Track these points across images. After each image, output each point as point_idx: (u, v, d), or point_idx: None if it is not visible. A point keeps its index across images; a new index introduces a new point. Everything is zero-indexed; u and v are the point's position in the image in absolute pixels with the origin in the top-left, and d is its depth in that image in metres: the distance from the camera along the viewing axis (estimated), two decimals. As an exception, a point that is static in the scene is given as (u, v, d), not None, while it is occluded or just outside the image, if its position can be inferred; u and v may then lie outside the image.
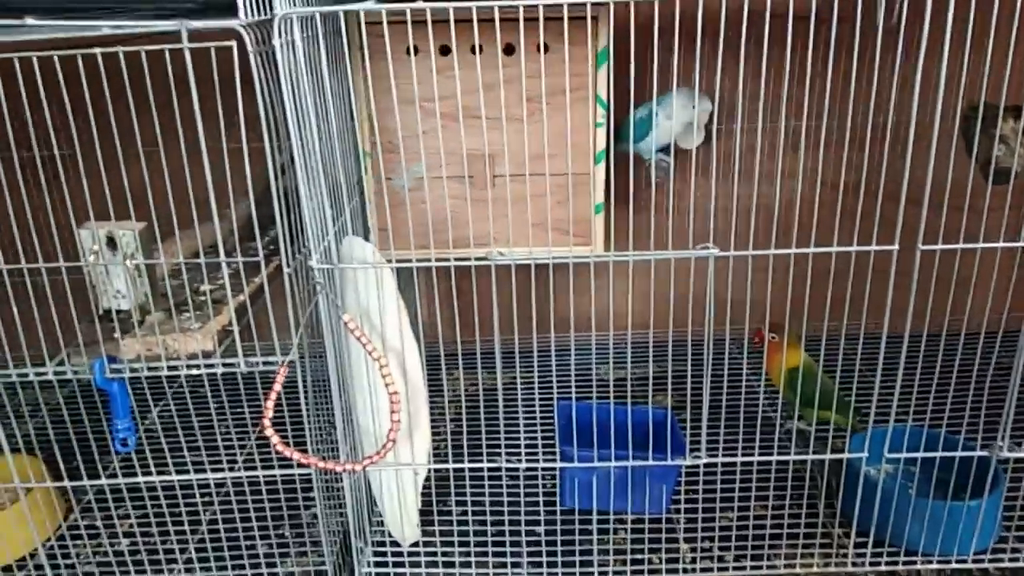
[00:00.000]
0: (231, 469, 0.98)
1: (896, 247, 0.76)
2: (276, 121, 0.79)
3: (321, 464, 0.88)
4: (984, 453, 0.88)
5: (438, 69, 0.96)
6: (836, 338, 0.88)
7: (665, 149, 1.28)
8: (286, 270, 0.85)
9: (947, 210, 0.84)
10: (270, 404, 0.85)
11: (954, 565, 0.97)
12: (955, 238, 0.79)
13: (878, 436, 0.95)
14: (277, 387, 0.85)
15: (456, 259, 0.84)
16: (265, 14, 0.77)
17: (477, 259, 0.82)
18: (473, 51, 0.95)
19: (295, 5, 0.75)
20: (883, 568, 0.97)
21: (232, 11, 0.74)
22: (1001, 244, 0.76)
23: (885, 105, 0.73)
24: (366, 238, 1.06)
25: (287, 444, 0.87)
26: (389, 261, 0.85)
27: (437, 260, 0.84)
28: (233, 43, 0.72)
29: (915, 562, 0.97)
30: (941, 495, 0.97)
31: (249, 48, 0.73)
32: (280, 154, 0.82)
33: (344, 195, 0.94)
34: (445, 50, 0.96)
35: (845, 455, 0.90)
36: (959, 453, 0.88)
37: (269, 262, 0.99)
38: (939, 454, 0.89)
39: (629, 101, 1.09)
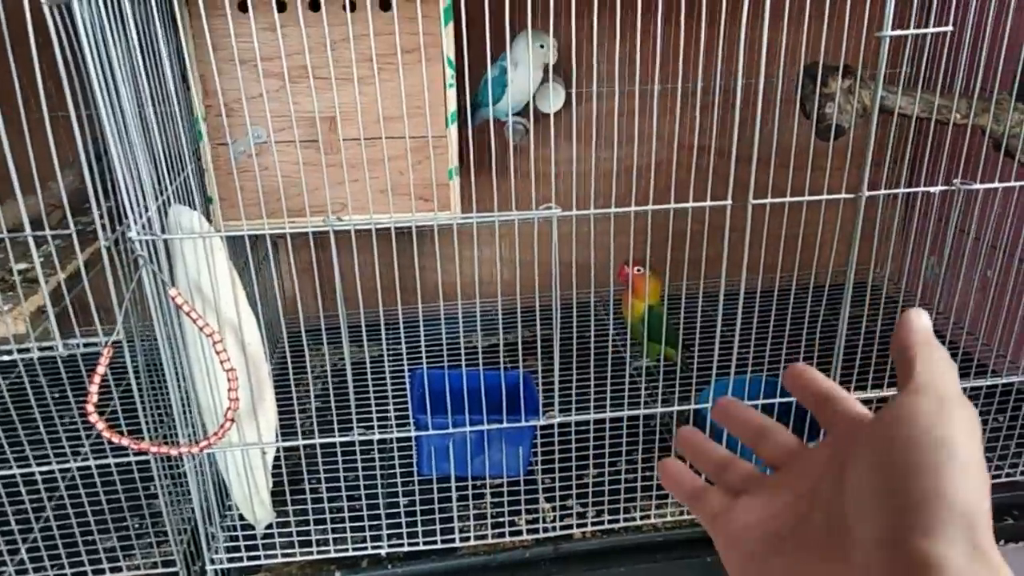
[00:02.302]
0: (60, 460, 0.90)
1: (729, 202, 0.78)
2: (82, 82, 0.72)
3: (155, 449, 0.82)
4: (818, 398, 0.92)
5: (274, 26, 0.90)
6: (695, 296, 0.90)
7: (523, 113, 1.26)
8: (103, 243, 0.78)
9: (793, 169, 0.86)
10: (94, 388, 0.79)
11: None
12: (799, 195, 0.82)
13: (721, 386, 0.98)
14: (101, 369, 0.79)
15: (291, 227, 0.80)
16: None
17: (315, 228, 0.78)
18: (313, 7, 0.90)
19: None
20: (733, 513, 1.01)
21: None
22: (825, 197, 0.79)
23: (734, 69, 0.73)
24: (206, 208, 0.99)
25: (118, 431, 0.81)
26: (220, 231, 0.80)
27: (272, 228, 0.79)
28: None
29: (761, 505, 1.01)
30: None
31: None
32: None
33: (176, 162, 0.87)
34: (281, 6, 0.90)
35: (691, 407, 0.92)
36: (794, 399, 0.92)
37: (89, 236, 0.91)
38: (777, 400, 0.93)
39: (484, 63, 1.07)
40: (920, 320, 0.33)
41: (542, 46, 1.14)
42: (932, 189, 0.80)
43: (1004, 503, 1.05)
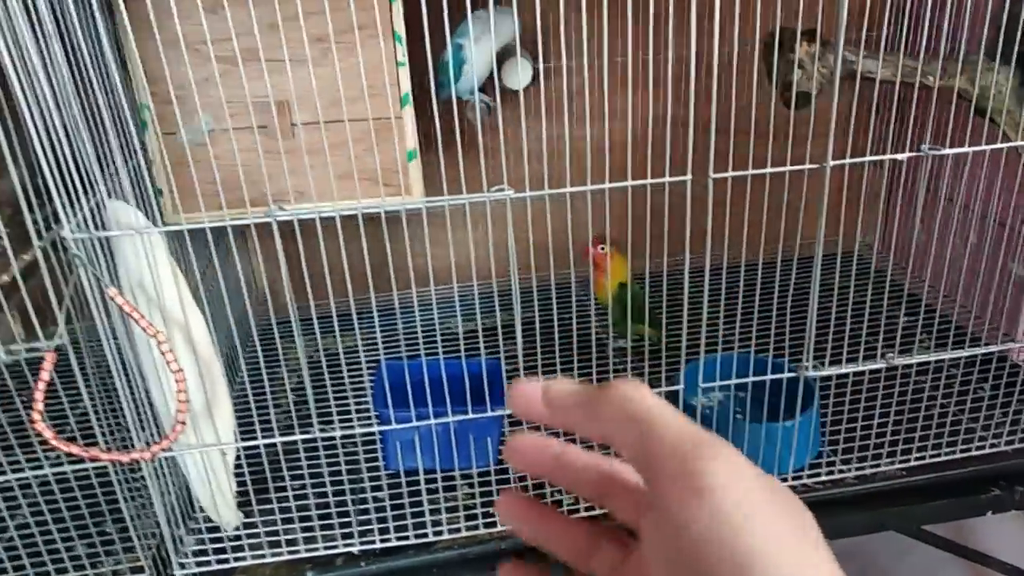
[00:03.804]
0: (15, 470, 0.87)
1: (689, 177, 0.75)
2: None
3: (106, 457, 0.80)
4: (792, 374, 0.90)
5: (213, 7, 0.85)
6: (660, 273, 0.87)
7: (486, 88, 1.22)
8: (36, 244, 0.74)
9: (754, 139, 0.83)
10: (39, 395, 0.76)
11: (777, 483, 0.99)
12: (763, 167, 0.79)
13: (692, 368, 0.95)
14: (45, 375, 0.76)
15: (232, 219, 0.76)
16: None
17: (255, 218, 0.75)
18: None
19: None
20: (712, 494, 0.99)
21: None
22: (788, 168, 0.76)
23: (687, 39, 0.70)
24: (148, 203, 0.95)
25: (68, 439, 0.78)
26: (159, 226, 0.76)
27: (211, 222, 0.75)
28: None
29: (740, 485, 0.99)
30: (774, 419, 1.00)
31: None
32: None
33: (111, 155, 0.83)
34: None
35: (663, 388, 0.90)
36: (768, 377, 0.90)
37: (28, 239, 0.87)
38: (750, 379, 0.91)
39: (444, 39, 1.03)
40: (644, 399, 0.27)
41: (512, 26, 1.09)
42: (899, 156, 0.77)
43: (990, 473, 1.03)
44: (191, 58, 0.85)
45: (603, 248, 1.14)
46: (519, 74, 1.18)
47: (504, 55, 1.20)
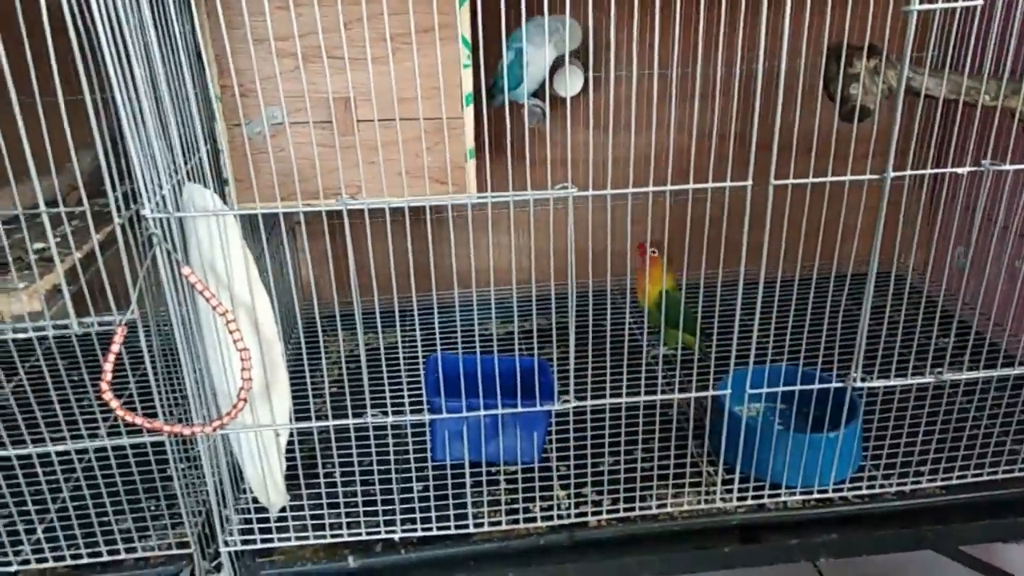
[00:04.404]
0: (76, 441, 0.90)
1: (750, 183, 0.76)
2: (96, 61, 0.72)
3: (167, 429, 0.82)
4: (839, 385, 0.90)
5: (284, 5, 0.89)
6: (714, 284, 0.89)
7: (539, 94, 1.25)
8: (116, 221, 0.78)
9: (816, 155, 0.84)
10: (108, 367, 0.79)
11: (816, 495, 1.00)
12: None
13: (739, 375, 0.96)
14: (115, 347, 0.79)
15: (305, 206, 0.79)
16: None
17: (327, 205, 0.77)
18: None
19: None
20: (751, 502, 1.00)
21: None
22: (849, 177, 0.77)
23: (755, 54, 0.72)
24: (221, 188, 0.99)
25: (132, 410, 0.81)
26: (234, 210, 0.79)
27: (285, 208, 0.78)
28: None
29: (779, 494, 1.00)
30: (815, 431, 1.00)
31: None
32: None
33: (191, 142, 0.87)
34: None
35: (709, 393, 0.91)
36: (816, 386, 0.91)
37: (106, 217, 0.90)
38: (797, 387, 0.91)
39: (500, 45, 1.06)
40: None
41: (577, 34, 1.12)
42: (960, 170, 0.78)
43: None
44: (259, 53, 0.88)
45: (654, 251, 1.16)
46: (569, 81, 1.20)
47: (555, 63, 1.22)
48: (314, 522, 0.97)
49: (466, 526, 0.97)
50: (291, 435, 0.96)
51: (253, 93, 0.93)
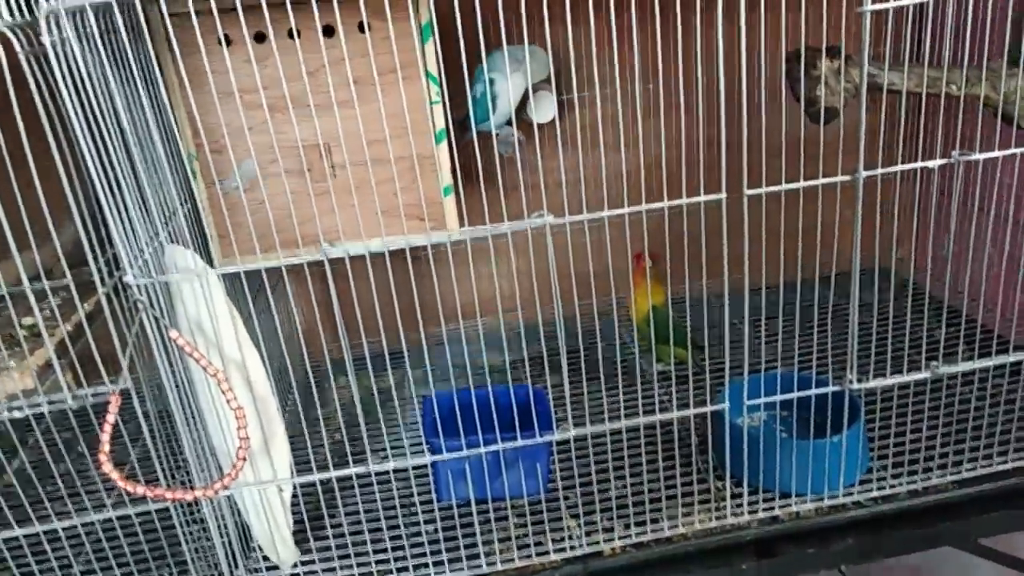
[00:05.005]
0: (81, 515, 0.89)
1: (724, 196, 0.77)
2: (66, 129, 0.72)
3: (171, 496, 0.82)
4: (836, 388, 0.90)
5: (256, 58, 0.90)
6: (697, 296, 0.89)
7: (511, 122, 1.26)
8: (101, 291, 0.78)
9: (786, 159, 0.85)
10: (105, 438, 0.79)
11: (827, 502, 0.99)
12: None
13: (736, 386, 0.96)
14: (111, 418, 0.78)
15: (286, 259, 0.79)
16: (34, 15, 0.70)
17: (308, 256, 0.78)
18: (291, 35, 0.90)
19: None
20: (763, 515, 0.98)
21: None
22: (821, 180, 0.78)
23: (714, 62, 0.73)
24: (203, 246, 0.99)
25: (133, 480, 0.80)
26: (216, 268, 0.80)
27: (266, 263, 0.78)
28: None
29: (790, 504, 0.99)
30: (818, 436, 0.99)
31: (18, 49, 0.66)
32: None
33: (168, 203, 0.87)
34: (260, 37, 0.90)
35: (708, 408, 0.90)
36: (813, 391, 0.90)
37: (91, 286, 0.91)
38: (795, 395, 0.91)
39: (463, 77, 1.07)
40: None
41: (545, 63, 1.13)
42: (930, 164, 0.79)
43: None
44: (227, 109, 0.89)
45: (649, 263, 1.16)
46: (542, 108, 1.21)
47: (525, 91, 1.23)
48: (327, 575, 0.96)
49: (479, 566, 0.96)
50: (295, 489, 0.95)
51: (224, 149, 0.94)
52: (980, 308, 1.00)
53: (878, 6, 0.70)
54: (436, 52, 0.89)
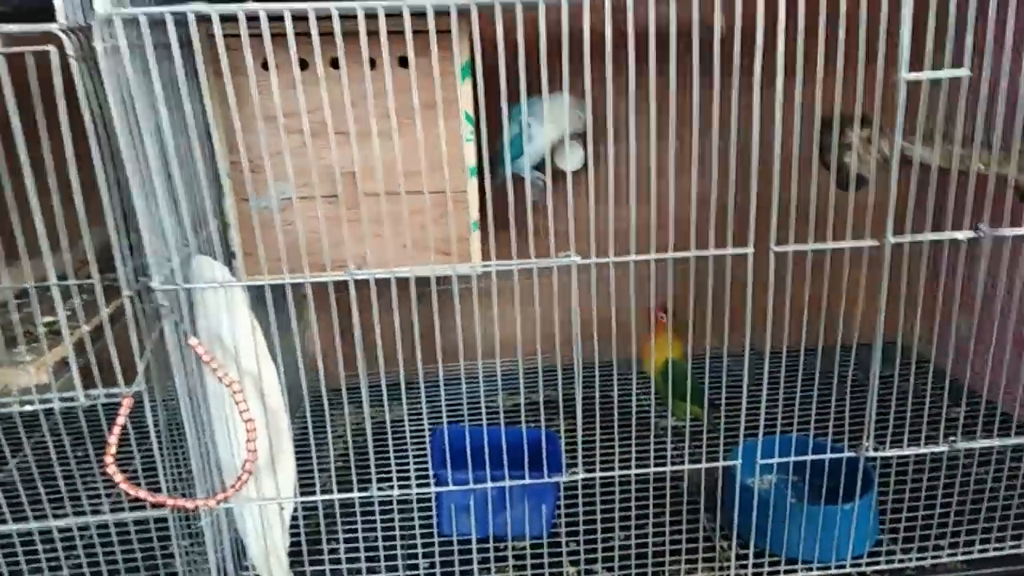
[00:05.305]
0: (78, 514, 0.88)
1: (751, 250, 0.77)
2: (109, 135, 0.74)
3: (171, 503, 0.81)
4: (852, 454, 0.89)
5: (300, 83, 0.92)
6: (720, 355, 0.89)
7: (540, 167, 1.27)
8: (125, 294, 0.79)
9: (815, 221, 0.85)
10: (113, 439, 0.79)
11: (834, 571, 0.97)
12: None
13: (750, 445, 0.95)
14: (121, 420, 0.78)
15: (312, 276, 0.80)
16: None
17: (335, 277, 0.78)
18: (333, 65, 0.92)
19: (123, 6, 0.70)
20: (766, 578, 0.96)
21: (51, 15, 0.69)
22: (849, 243, 0.78)
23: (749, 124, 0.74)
24: (229, 261, 1.00)
25: (135, 483, 0.80)
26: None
27: (292, 279, 0.79)
28: (52, 48, 0.67)
29: (796, 570, 0.97)
30: (829, 503, 0.98)
31: (70, 52, 0.68)
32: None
33: (201, 216, 0.89)
34: (303, 64, 0.93)
35: (720, 463, 0.89)
36: (828, 456, 0.89)
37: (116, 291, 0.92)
38: (809, 457, 0.90)
39: (501, 119, 1.09)
40: None
41: (580, 115, 1.16)
42: (958, 235, 0.79)
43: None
44: (268, 130, 0.91)
45: (662, 316, 1.16)
46: (570, 156, 1.22)
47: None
48: (317, 601, 0.94)
49: (474, 605, 0.94)
50: (295, 510, 0.94)
51: (262, 169, 0.96)
52: (1001, 391, 0.98)
53: (915, 75, 0.71)
54: (475, 91, 0.91)
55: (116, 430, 0.78)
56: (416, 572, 0.98)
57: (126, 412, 0.78)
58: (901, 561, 0.97)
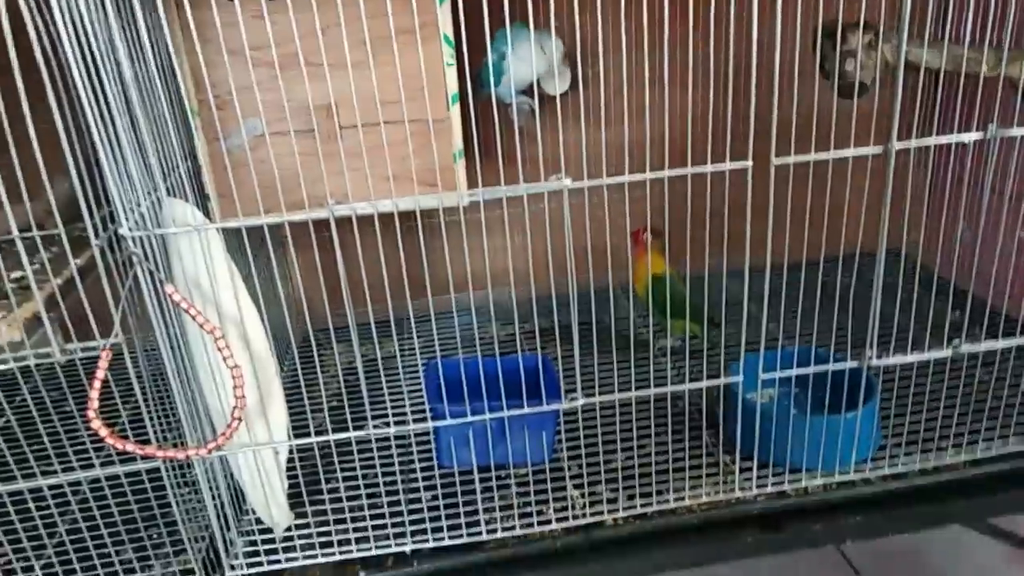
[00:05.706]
0: (68, 472, 0.87)
1: (750, 163, 0.73)
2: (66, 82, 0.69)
3: (161, 454, 0.79)
4: (854, 364, 0.87)
5: (267, 12, 0.85)
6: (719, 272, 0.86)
7: (528, 91, 1.22)
8: (94, 243, 0.75)
9: (816, 135, 0.81)
10: (94, 394, 0.76)
11: (838, 478, 0.97)
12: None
13: (751, 360, 0.93)
14: (100, 373, 0.75)
15: (290, 216, 0.76)
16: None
17: (315, 215, 0.75)
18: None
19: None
20: (770, 489, 0.97)
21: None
22: (852, 152, 0.74)
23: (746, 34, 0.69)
24: (203, 204, 0.96)
25: (122, 436, 0.78)
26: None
27: (269, 219, 0.75)
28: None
29: (800, 479, 0.97)
30: (832, 413, 0.97)
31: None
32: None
33: (169, 158, 0.84)
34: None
35: (721, 380, 0.88)
36: (831, 367, 0.88)
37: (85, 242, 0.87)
38: (811, 369, 0.89)
39: (484, 41, 1.02)
40: None
41: (544, 49, 1.10)
42: (966, 137, 0.75)
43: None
44: (235, 64, 0.85)
45: (646, 236, 1.14)
46: (557, 81, 1.17)
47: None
48: (321, 540, 0.94)
49: (479, 533, 0.94)
50: (291, 452, 0.93)
51: (230, 106, 0.90)
52: (1006, 294, 0.97)
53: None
54: (455, 12, 0.85)
55: (96, 384, 0.75)
56: (419, 506, 0.98)
57: (105, 365, 0.75)
58: (904, 464, 0.97)
